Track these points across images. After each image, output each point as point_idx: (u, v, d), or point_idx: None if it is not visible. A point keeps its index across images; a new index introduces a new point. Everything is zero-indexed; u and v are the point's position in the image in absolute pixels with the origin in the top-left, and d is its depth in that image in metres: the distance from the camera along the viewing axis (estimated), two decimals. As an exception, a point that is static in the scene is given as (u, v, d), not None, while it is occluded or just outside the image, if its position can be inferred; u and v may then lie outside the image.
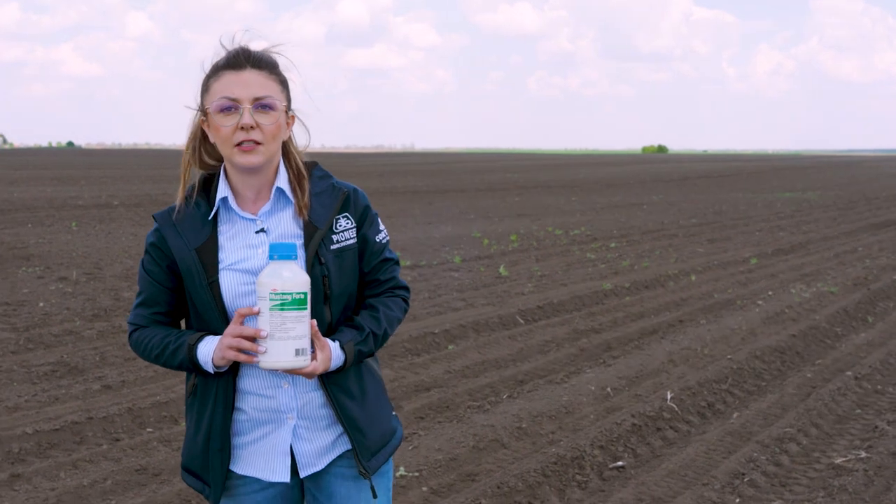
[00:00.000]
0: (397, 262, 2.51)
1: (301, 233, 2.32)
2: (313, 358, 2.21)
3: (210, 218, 2.32)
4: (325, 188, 2.38)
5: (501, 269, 12.26)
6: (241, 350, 2.17)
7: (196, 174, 2.39)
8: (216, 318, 2.28)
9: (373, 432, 2.40)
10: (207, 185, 2.37)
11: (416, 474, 4.90)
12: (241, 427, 2.34)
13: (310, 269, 2.27)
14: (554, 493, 4.70)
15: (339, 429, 2.37)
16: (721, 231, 18.52)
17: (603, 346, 7.86)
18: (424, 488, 4.73)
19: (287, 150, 2.39)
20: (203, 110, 2.30)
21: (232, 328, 2.19)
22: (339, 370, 2.31)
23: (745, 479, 4.87)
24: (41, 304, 9.54)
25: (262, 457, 2.34)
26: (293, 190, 2.35)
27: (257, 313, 2.15)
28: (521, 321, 8.88)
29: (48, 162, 58.16)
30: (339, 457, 2.39)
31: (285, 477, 2.34)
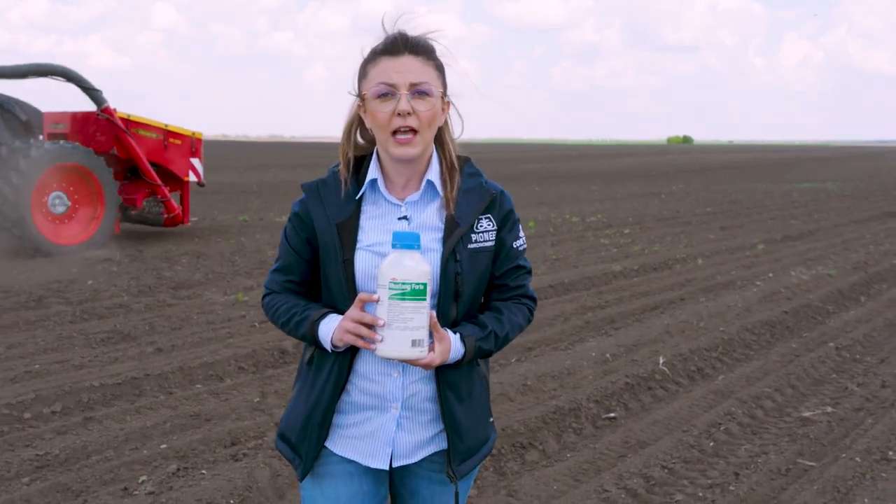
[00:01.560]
0: (529, 272, 2.50)
1: (442, 227, 2.33)
2: (431, 349, 2.22)
3: (357, 197, 2.34)
4: (474, 186, 2.38)
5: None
6: (358, 335, 2.20)
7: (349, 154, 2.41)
8: (345, 296, 2.30)
9: (469, 437, 2.40)
10: (358, 166, 2.39)
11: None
12: (345, 407, 2.37)
13: (444, 265, 2.29)
14: (552, 436, 5.41)
15: (439, 426, 2.39)
16: (734, 219, 19.08)
17: (607, 319, 8.55)
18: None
19: (442, 139, 2.40)
20: (360, 96, 2.31)
21: (352, 313, 2.22)
22: (457, 364, 2.32)
23: (721, 428, 5.56)
24: (90, 282, 10.34)
25: (362, 441, 2.36)
26: (443, 183, 2.36)
27: (377, 301, 2.17)
28: (534, 298, 9.58)
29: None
30: (432, 455, 2.41)
31: (384, 465, 2.36)
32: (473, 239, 2.32)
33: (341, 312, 2.28)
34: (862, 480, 4.72)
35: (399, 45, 2.25)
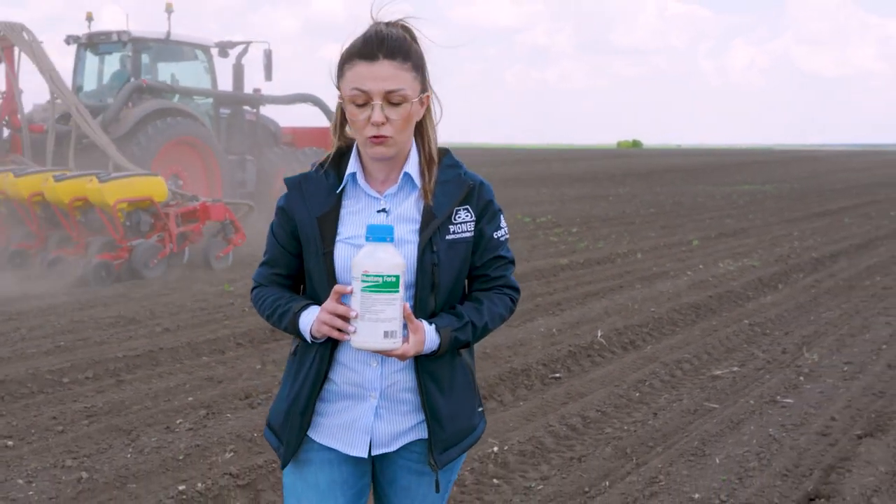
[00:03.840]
0: (512, 262, 2.51)
1: (419, 218, 2.35)
2: (405, 341, 2.25)
3: (338, 191, 2.38)
4: (452, 177, 2.41)
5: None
6: (333, 327, 2.24)
7: (334, 146, 2.45)
8: (326, 288, 2.33)
9: (452, 426, 2.43)
10: (340, 159, 2.43)
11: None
12: (327, 396, 2.41)
13: (421, 256, 2.31)
14: (507, 391, 6.57)
15: (419, 416, 2.41)
16: (675, 219, 20.42)
17: (554, 303, 9.75)
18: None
19: (422, 131, 2.41)
20: (339, 92, 2.34)
21: (327, 305, 2.26)
22: (434, 354, 2.33)
23: (646, 384, 6.76)
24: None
25: (342, 430, 2.41)
26: (421, 174, 2.39)
27: (350, 292, 2.21)
28: (490, 287, 10.76)
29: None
30: (410, 444, 2.44)
31: (363, 452, 2.40)
32: (451, 230, 2.36)
33: (322, 303, 2.33)
34: (752, 416, 5.95)
35: (375, 48, 2.25)
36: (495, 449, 5.20)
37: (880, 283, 11.50)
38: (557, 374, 7.02)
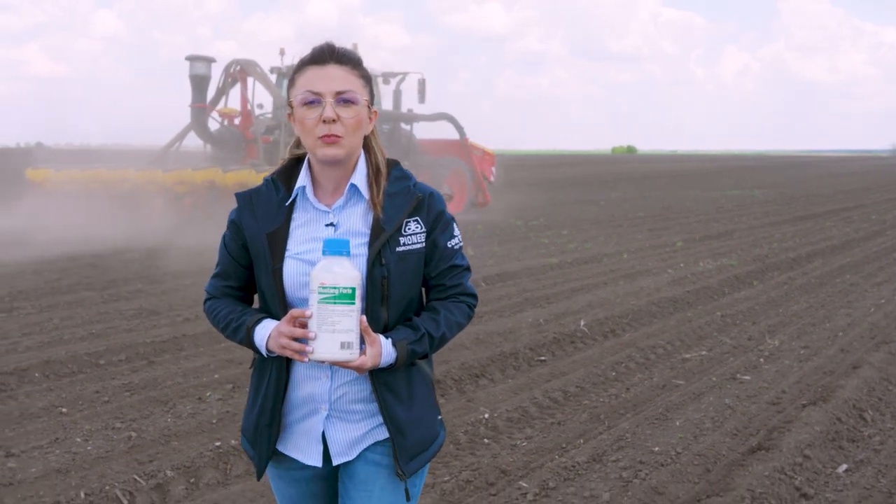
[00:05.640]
0: (467, 269, 2.53)
1: (368, 231, 2.36)
2: (363, 353, 2.26)
3: (287, 204, 2.41)
4: (401, 189, 2.41)
5: (469, 250, 14.92)
6: (293, 350, 2.25)
7: (284, 160, 2.51)
8: (277, 303, 2.37)
9: (414, 435, 2.44)
10: (289, 173, 2.46)
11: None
12: (287, 408, 2.45)
13: (370, 269, 2.32)
14: (497, 370, 7.34)
15: (373, 422, 2.44)
16: (662, 222, 21.22)
17: (542, 297, 10.54)
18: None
19: (368, 145, 2.45)
20: (289, 104, 2.37)
21: (284, 329, 2.27)
22: (391, 367, 2.35)
23: (622, 366, 7.54)
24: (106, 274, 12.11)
25: (300, 439, 2.46)
26: (369, 186, 2.40)
27: (309, 317, 2.22)
28: (483, 284, 11.54)
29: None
30: (370, 446, 2.46)
31: (317, 462, 2.45)
32: (401, 242, 2.36)
33: (275, 317, 2.37)
34: (712, 390, 6.75)
35: (325, 54, 2.32)
36: (486, 416, 5.98)
37: (849, 280, 12.31)
38: (543, 358, 7.80)
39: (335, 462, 2.45)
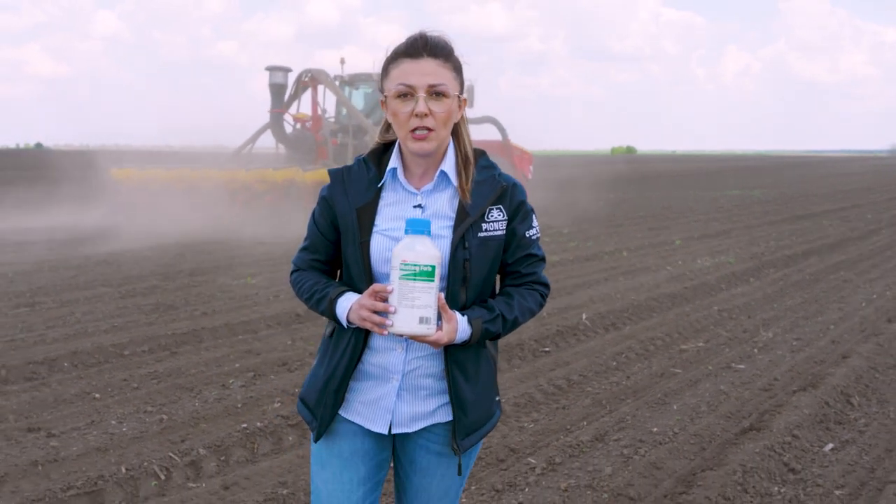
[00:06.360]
0: (543, 259, 2.62)
1: (454, 216, 2.46)
2: (439, 329, 2.35)
3: (378, 185, 2.50)
4: (487, 178, 2.51)
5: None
6: (373, 323, 2.35)
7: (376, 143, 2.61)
8: (362, 276, 2.46)
9: (475, 413, 2.55)
10: (381, 155, 2.56)
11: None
12: (357, 375, 2.55)
13: (454, 252, 2.42)
14: (504, 361, 7.70)
15: (438, 401, 2.54)
16: (662, 221, 21.59)
17: (545, 292, 10.89)
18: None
19: (458, 133, 2.54)
20: (383, 93, 2.46)
21: (366, 302, 2.36)
22: (465, 344, 2.44)
23: (622, 356, 7.90)
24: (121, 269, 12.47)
25: (367, 407, 2.56)
26: (458, 174, 2.50)
27: (390, 292, 2.33)
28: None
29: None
30: (431, 427, 2.57)
31: (384, 429, 2.54)
32: (484, 228, 2.46)
33: (358, 290, 2.48)
34: (708, 377, 7.12)
35: (419, 47, 2.39)
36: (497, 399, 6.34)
37: (843, 276, 12.67)
38: (547, 349, 8.16)
39: (395, 431, 2.55)
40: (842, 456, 5.38)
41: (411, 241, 2.31)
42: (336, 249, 2.58)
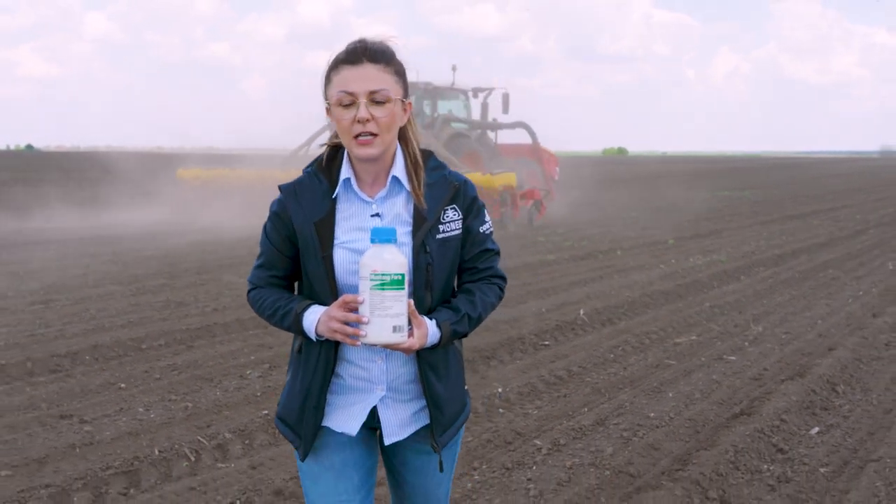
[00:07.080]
0: (497, 253, 2.65)
1: (411, 221, 2.46)
2: (410, 335, 2.35)
3: (332, 196, 2.47)
4: (438, 179, 2.51)
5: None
6: (345, 335, 2.33)
7: (322, 151, 2.57)
8: (326, 290, 2.45)
9: (449, 409, 2.59)
10: (329, 164, 2.53)
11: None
12: (336, 389, 2.55)
13: (416, 257, 2.42)
14: (506, 353, 8.06)
15: (420, 403, 2.58)
16: (654, 222, 21.94)
17: (542, 290, 11.27)
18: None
19: (405, 136, 2.53)
20: (326, 100, 2.44)
21: (336, 313, 2.34)
22: (434, 347, 2.46)
23: (619, 349, 8.26)
24: (130, 270, 12.80)
25: (346, 416, 2.56)
26: (409, 178, 2.49)
27: (361, 303, 2.30)
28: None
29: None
30: (418, 430, 2.60)
31: (360, 423, 2.55)
32: (441, 230, 2.47)
33: (323, 304, 2.45)
34: (701, 368, 7.49)
35: (358, 53, 2.38)
36: (500, 390, 6.71)
37: (831, 274, 13.05)
38: (546, 343, 8.52)
39: (388, 442, 2.57)
40: (827, 438, 5.75)
41: (378, 251, 2.30)
42: (294, 264, 2.57)
